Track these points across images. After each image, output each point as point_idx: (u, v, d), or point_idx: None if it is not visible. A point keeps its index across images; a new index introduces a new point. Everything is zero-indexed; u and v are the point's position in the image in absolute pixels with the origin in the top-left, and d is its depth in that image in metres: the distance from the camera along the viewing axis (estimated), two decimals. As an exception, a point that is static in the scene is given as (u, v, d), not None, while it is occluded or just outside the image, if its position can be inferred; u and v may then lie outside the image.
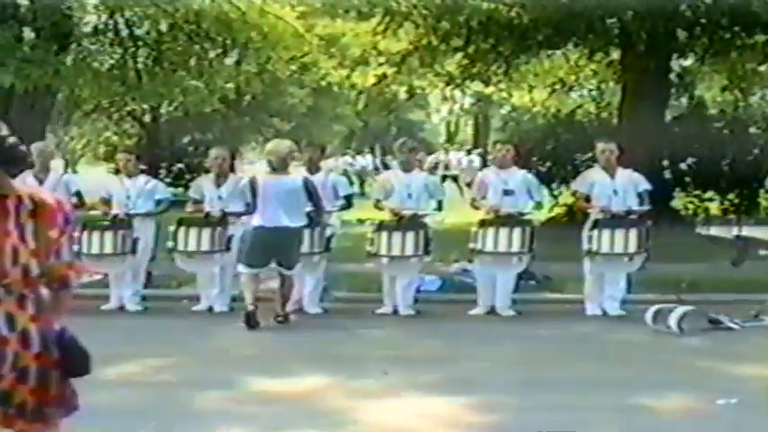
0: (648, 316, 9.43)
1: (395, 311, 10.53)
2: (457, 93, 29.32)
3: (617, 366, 7.83)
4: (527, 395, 6.78)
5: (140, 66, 23.42)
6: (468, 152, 35.96)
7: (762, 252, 9.93)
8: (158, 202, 11.07)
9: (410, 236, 10.38)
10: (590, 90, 24.78)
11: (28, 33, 21.08)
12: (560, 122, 21.53)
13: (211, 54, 24.52)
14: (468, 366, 7.89)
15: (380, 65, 21.37)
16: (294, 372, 7.27)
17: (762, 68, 20.02)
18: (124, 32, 23.42)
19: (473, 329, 9.84)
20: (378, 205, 10.92)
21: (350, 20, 21.02)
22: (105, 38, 23.60)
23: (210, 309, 10.63)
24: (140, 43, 23.58)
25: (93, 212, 11.66)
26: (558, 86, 23.90)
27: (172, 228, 10.59)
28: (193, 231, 10.54)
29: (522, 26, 18.02)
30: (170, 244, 10.55)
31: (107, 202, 11.09)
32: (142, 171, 11.41)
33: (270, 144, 10.62)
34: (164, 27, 23.25)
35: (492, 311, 10.49)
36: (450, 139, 54.29)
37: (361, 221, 15.32)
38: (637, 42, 17.24)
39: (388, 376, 7.40)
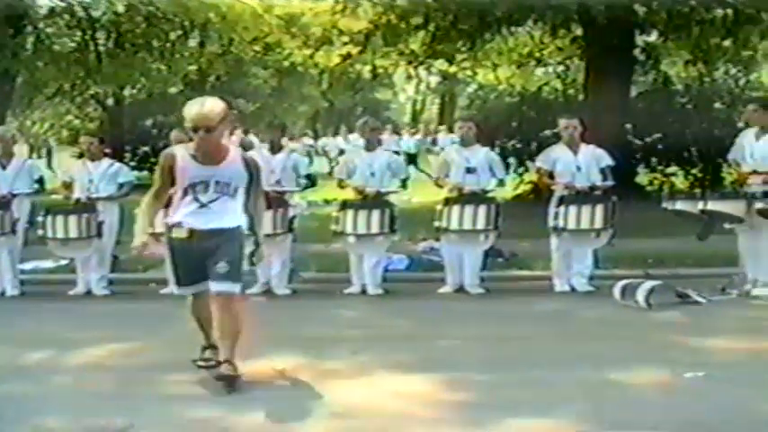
0: (616, 291, 9.47)
1: (363, 291, 10.55)
2: (422, 72, 29.31)
3: (586, 342, 7.85)
4: (498, 372, 6.78)
5: (101, 48, 23.24)
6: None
7: (727, 226, 9.99)
8: (121, 186, 10.99)
9: (375, 213, 10.39)
10: (555, 67, 24.82)
11: (-19, 16, 20.89)
12: (526, 100, 21.55)
13: (172, 36, 24.37)
14: (438, 344, 7.88)
15: (344, 44, 21.31)
16: (263, 353, 7.22)
17: (725, 43, 20.09)
18: (81, 14, 23.19)
19: (442, 308, 9.85)
20: (341, 184, 10.93)
21: (308, -1, 20.99)
22: (62, 20, 23.37)
23: (178, 292, 10.55)
24: (98, 25, 23.37)
25: (54, 196, 11.58)
26: (522, 64, 23.93)
27: (137, 211, 10.48)
28: (159, 215, 10.44)
29: (481, 2, 17.99)
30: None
31: (69, 185, 11.01)
32: (106, 155, 11.30)
33: None
34: (120, 9, 23.08)
35: (460, 289, 10.53)
36: (415, 118, 54.29)
37: (327, 202, 15.32)
38: (597, 17, 17.24)
39: (359, 356, 7.38)
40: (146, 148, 27.81)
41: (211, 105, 6.43)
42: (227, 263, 6.41)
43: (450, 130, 34.16)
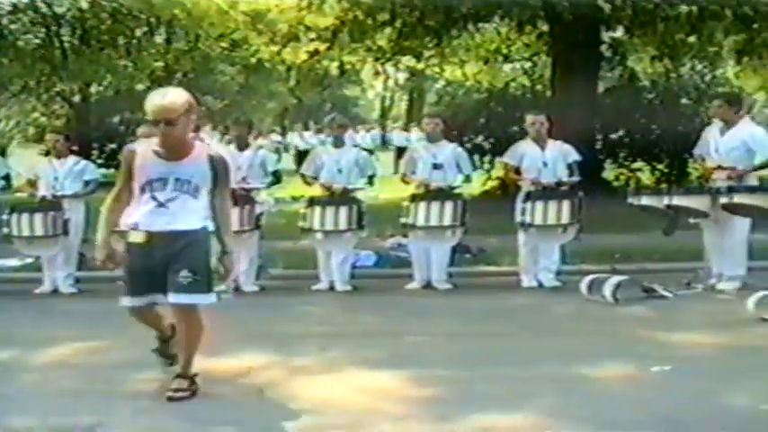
0: (583, 286, 9.52)
1: (331, 288, 10.55)
2: (390, 68, 29.32)
3: (554, 337, 7.90)
4: (465, 368, 6.79)
5: (66, 45, 23.09)
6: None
7: (692, 220, 10.06)
8: (87, 183, 10.92)
9: (343, 210, 10.40)
10: (522, 63, 24.90)
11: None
12: (494, 96, 21.61)
13: (138, 32, 24.25)
14: (405, 340, 7.89)
15: (311, 41, 21.27)
16: (231, 351, 7.20)
17: (691, 39, 20.22)
18: (44, 10, 23.03)
19: (410, 304, 9.85)
20: (306, 180, 10.91)
21: (274, -5, 20.96)
22: (26, 16, 23.19)
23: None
24: (62, 21, 23.22)
25: (18, 194, 11.49)
26: (489, 60, 23.99)
27: (103, 209, 10.42)
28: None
29: (447, -1, 18.04)
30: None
31: (34, 183, 10.93)
32: (72, 152, 11.22)
33: None
34: (84, 5, 22.93)
35: (428, 285, 10.54)
36: (384, 114, 54.32)
37: (294, 198, 15.29)
38: (563, 13, 17.32)
39: (327, 352, 7.38)
40: (113, 146, 27.64)
41: (173, 97, 5.95)
42: (191, 272, 5.87)
43: (406, 129, 34.19)
